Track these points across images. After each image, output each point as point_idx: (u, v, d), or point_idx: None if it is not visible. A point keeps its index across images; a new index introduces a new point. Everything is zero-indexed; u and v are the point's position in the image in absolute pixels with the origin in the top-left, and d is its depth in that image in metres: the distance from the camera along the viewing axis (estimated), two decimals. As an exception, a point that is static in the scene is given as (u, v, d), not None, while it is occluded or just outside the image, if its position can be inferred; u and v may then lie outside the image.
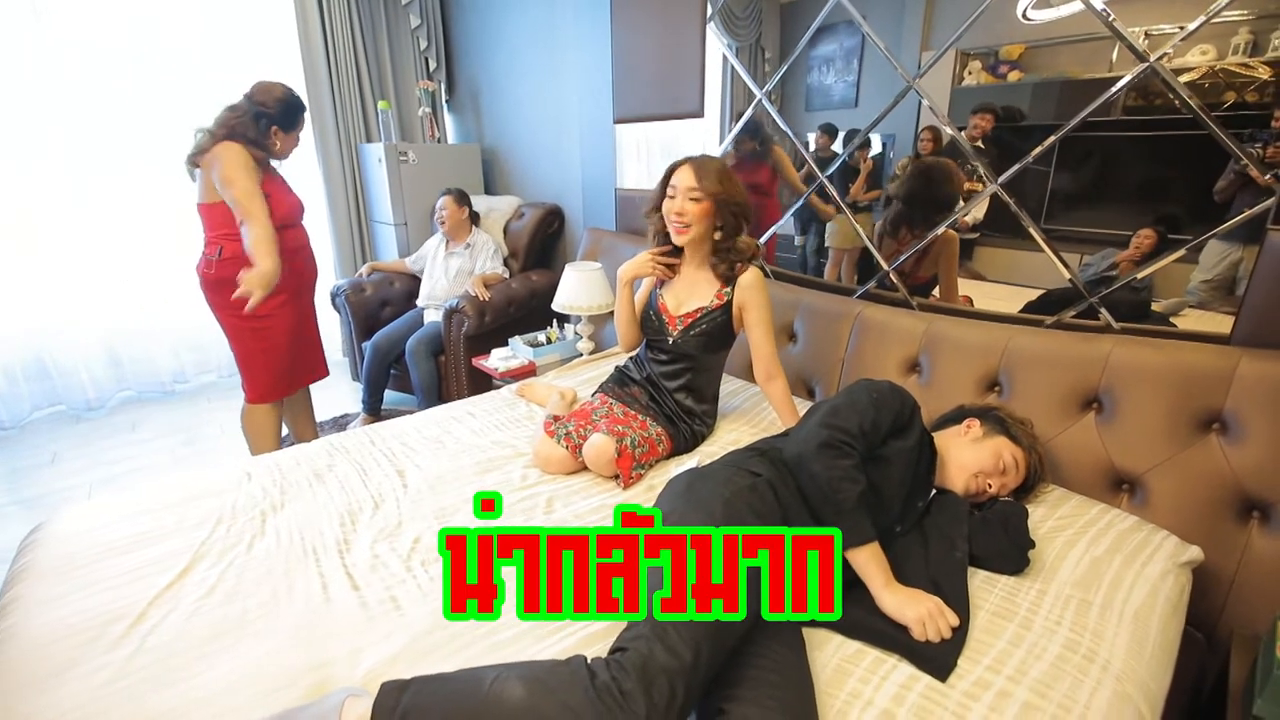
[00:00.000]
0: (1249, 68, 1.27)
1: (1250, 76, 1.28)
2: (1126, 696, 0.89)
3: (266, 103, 1.97)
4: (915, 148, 1.86)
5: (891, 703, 0.87)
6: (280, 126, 2.00)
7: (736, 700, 0.80)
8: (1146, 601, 1.05)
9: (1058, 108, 1.59)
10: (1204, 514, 1.26)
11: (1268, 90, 1.26)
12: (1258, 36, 1.26)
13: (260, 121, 1.96)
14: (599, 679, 0.74)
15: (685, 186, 1.54)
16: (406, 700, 0.79)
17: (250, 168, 1.91)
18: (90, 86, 2.98)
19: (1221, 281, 1.40)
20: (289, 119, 2.02)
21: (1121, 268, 1.52)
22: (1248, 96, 1.28)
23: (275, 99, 1.99)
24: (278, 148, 2.03)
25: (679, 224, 1.57)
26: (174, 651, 0.98)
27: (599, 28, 2.61)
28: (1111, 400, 1.38)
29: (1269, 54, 1.25)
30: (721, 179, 1.54)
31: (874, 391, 1.17)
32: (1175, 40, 1.30)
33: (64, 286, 3.12)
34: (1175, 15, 1.32)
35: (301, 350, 2.26)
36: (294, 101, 2.04)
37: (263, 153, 1.98)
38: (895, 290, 1.88)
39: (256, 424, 2.24)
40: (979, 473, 1.26)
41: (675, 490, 1.08)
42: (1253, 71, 1.27)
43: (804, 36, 1.98)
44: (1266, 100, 1.26)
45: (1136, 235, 1.50)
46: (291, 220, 2.10)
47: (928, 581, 1.07)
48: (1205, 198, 1.38)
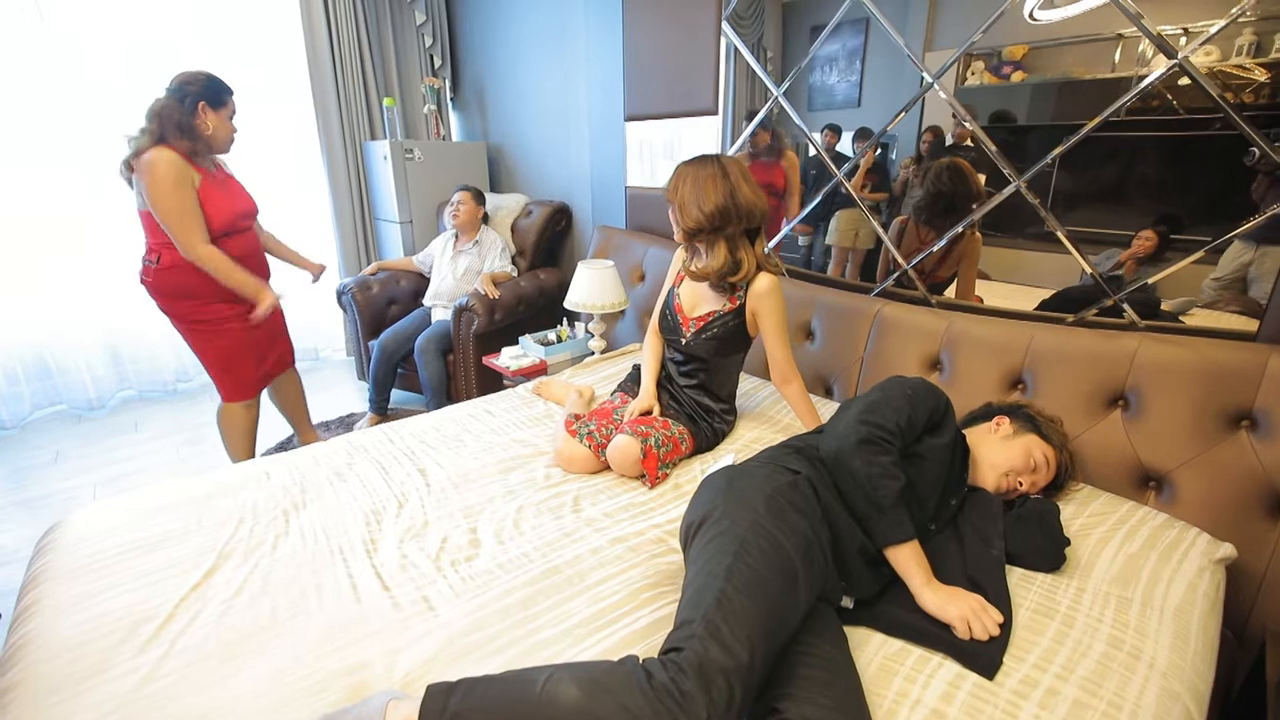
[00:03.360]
0: (1245, 70, 1.28)
1: (1247, 79, 1.29)
2: (1175, 694, 0.88)
3: (190, 80, 1.90)
4: (918, 148, 1.87)
5: (941, 701, 0.86)
6: (207, 101, 1.91)
7: (791, 699, 0.79)
8: (1186, 598, 1.05)
9: (1057, 108, 1.59)
10: (1233, 511, 1.26)
11: (1263, 92, 1.27)
12: (1261, 38, 1.27)
13: (186, 100, 1.88)
14: (656, 679, 0.73)
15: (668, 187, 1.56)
16: (455, 703, 0.77)
17: (178, 181, 1.85)
18: (92, 86, 2.94)
19: (1232, 281, 1.40)
20: (215, 94, 1.94)
21: (1126, 267, 1.52)
22: (1245, 98, 1.29)
23: (199, 75, 1.93)
24: (210, 130, 1.93)
25: (673, 225, 1.58)
26: (206, 653, 0.96)
27: (610, 25, 2.59)
28: (1138, 397, 1.38)
29: (1272, 55, 1.26)
30: (681, 182, 1.52)
31: (908, 388, 1.16)
32: (1201, 39, 1.30)
33: (65, 285, 3.08)
34: (1177, 18, 1.33)
35: (265, 346, 2.23)
36: (217, 78, 1.96)
37: (195, 143, 1.90)
38: (913, 288, 1.88)
39: (230, 423, 2.22)
40: (1010, 471, 1.25)
41: (716, 487, 1.06)
42: (1248, 74, 1.28)
43: (822, 33, 1.97)
44: (1263, 102, 1.27)
45: (1138, 236, 1.50)
46: (235, 227, 2.03)
47: (965, 579, 1.06)
48: (1207, 198, 1.39)
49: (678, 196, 1.53)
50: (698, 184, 1.50)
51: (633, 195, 2.71)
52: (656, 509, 1.36)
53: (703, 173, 1.50)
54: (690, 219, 1.51)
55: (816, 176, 2.17)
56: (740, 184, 1.49)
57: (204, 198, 1.92)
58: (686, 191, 1.51)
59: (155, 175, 1.82)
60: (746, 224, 1.53)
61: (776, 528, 0.94)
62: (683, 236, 1.57)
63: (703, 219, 1.49)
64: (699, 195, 1.49)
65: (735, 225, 1.52)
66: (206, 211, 1.93)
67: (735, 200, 1.48)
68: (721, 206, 1.48)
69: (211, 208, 1.94)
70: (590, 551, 1.20)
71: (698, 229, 1.52)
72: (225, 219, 1.98)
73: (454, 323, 2.73)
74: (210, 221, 1.94)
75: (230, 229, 2.01)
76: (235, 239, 2.03)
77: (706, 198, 1.48)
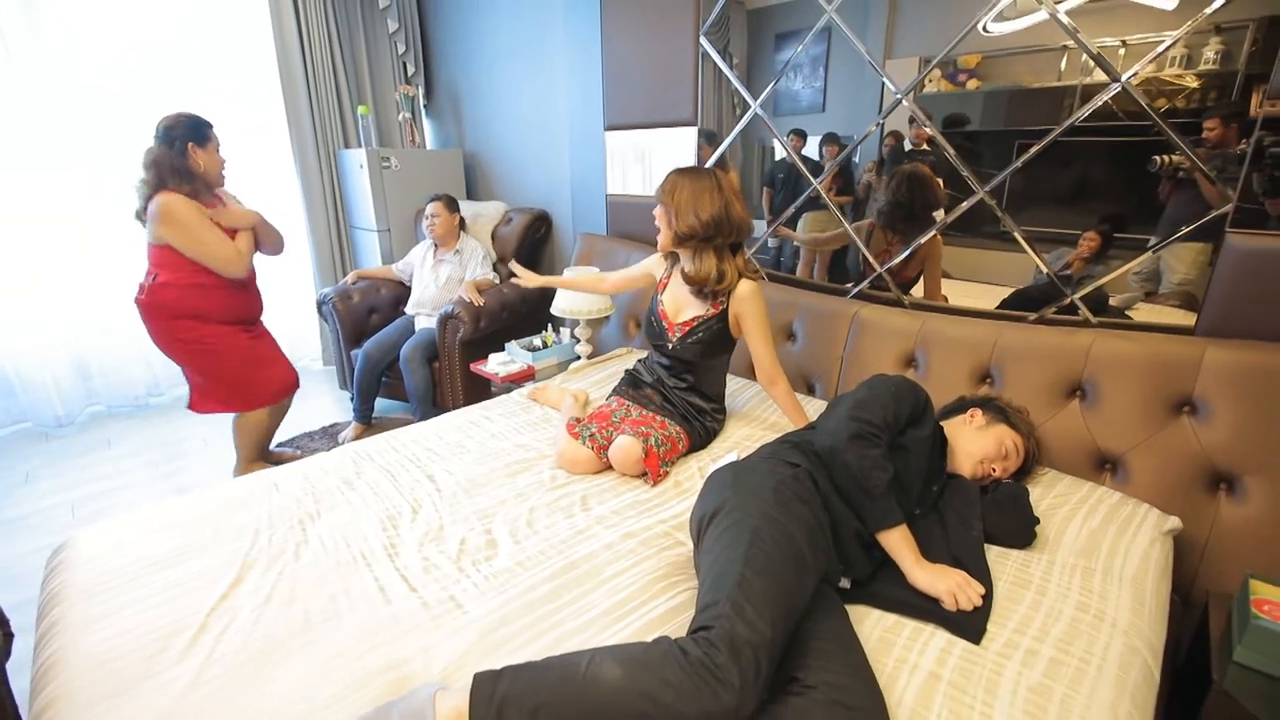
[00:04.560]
0: (1179, 77, 1.44)
1: (1180, 85, 1.44)
2: (1135, 649, 1.00)
3: (173, 124, 2.07)
4: (880, 152, 1.99)
5: (936, 665, 0.97)
6: (194, 141, 2.08)
7: (807, 669, 0.88)
8: (1140, 566, 1.18)
9: (1008, 114, 1.73)
10: (1178, 488, 1.41)
11: (1194, 97, 1.43)
12: (1191, 51, 1.42)
13: (175, 145, 2.05)
14: (691, 655, 0.81)
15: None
16: (503, 688, 0.83)
17: (188, 217, 2.02)
18: (54, 100, 2.87)
19: (1150, 274, 1.58)
20: (198, 132, 2.10)
21: (1074, 266, 1.67)
22: (1178, 103, 1.45)
23: (180, 118, 2.09)
24: (202, 168, 2.10)
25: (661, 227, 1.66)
26: (247, 657, 1.00)
27: (589, 35, 2.66)
28: (1094, 388, 1.52)
29: (1200, 67, 1.42)
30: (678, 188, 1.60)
31: (892, 385, 1.27)
32: (1150, 57, 1.44)
33: (28, 298, 2.99)
34: (1115, 30, 1.49)
35: (269, 358, 2.37)
36: (197, 117, 2.13)
37: (194, 184, 2.07)
38: (887, 290, 2.00)
39: (247, 427, 2.37)
40: (984, 459, 1.37)
41: (723, 481, 1.15)
42: (1181, 80, 1.44)
43: (787, 41, 2.09)
44: (1194, 106, 1.43)
45: (1084, 236, 1.65)
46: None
47: (949, 558, 1.17)
48: (1146, 198, 1.53)
49: (674, 200, 1.60)
50: (696, 192, 1.58)
51: (613, 203, 2.79)
52: (661, 505, 1.44)
53: (700, 184, 1.59)
54: (685, 224, 1.59)
55: (785, 180, 2.29)
56: (733, 200, 1.59)
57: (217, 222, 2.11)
58: (684, 197, 1.59)
59: (177, 221, 2.01)
60: (734, 238, 1.63)
61: (785, 517, 1.03)
62: (671, 241, 1.65)
63: (697, 226, 1.58)
64: (696, 203, 1.57)
65: (724, 238, 1.61)
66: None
67: (728, 214, 1.58)
68: (716, 217, 1.57)
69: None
70: (604, 547, 1.27)
71: (691, 235, 1.60)
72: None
73: (439, 330, 2.76)
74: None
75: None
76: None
77: (703, 207, 1.57)
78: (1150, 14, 1.43)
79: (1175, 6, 1.41)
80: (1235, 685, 1.04)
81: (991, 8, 1.63)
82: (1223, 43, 1.39)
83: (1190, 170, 1.44)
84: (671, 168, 1.67)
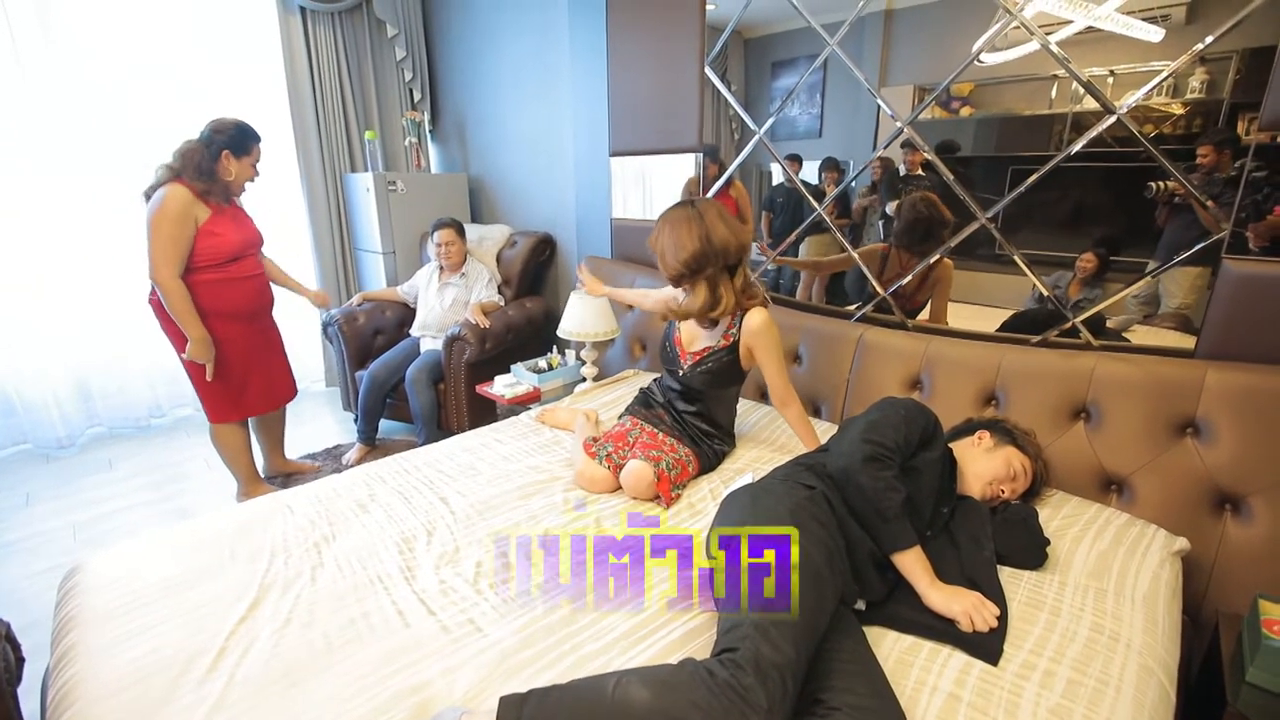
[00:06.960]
0: (1167, 105, 1.50)
1: (1167, 112, 1.50)
2: (1150, 670, 1.01)
3: (220, 129, 2.08)
4: (872, 178, 2.05)
5: (955, 686, 0.97)
6: (231, 150, 2.09)
7: (830, 690, 0.89)
8: (1151, 587, 1.20)
9: (999, 140, 1.78)
10: (1184, 508, 1.43)
11: (1179, 124, 1.49)
12: (1178, 80, 1.48)
13: (211, 147, 2.06)
14: (718, 676, 0.82)
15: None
16: (529, 711, 0.84)
17: (179, 216, 2.02)
18: (60, 118, 2.91)
19: (1149, 297, 1.62)
20: (240, 143, 2.11)
21: (1071, 287, 1.71)
22: (1165, 129, 1.51)
23: (229, 124, 2.10)
24: (231, 176, 2.11)
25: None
26: (269, 680, 1.00)
27: (594, 63, 2.72)
28: (1098, 410, 1.55)
29: (1187, 95, 1.48)
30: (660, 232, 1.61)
31: (902, 408, 1.29)
32: (1148, 87, 1.49)
33: (30, 318, 2.99)
34: (1103, 60, 1.55)
35: (258, 372, 2.36)
36: (247, 127, 2.14)
37: (210, 184, 2.07)
38: (890, 313, 2.03)
39: (222, 441, 2.39)
40: (993, 480, 1.39)
41: (740, 503, 1.16)
42: (1167, 108, 1.50)
43: (787, 69, 2.15)
44: (1179, 133, 1.49)
45: (1080, 258, 1.69)
46: (242, 253, 2.22)
47: (963, 579, 1.18)
48: (1141, 221, 1.58)
49: (658, 246, 1.63)
50: (675, 232, 1.58)
51: (618, 227, 2.83)
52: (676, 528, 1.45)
53: (677, 221, 1.59)
54: (669, 268, 1.61)
55: (784, 204, 2.34)
56: (716, 225, 1.57)
57: (212, 229, 2.10)
58: (665, 242, 1.60)
59: (162, 206, 2.01)
60: (725, 261, 1.60)
61: (804, 538, 1.04)
62: (669, 281, 1.68)
63: (680, 266, 1.58)
64: (676, 243, 1.58)
65: (714, 265, 1.59)
66: (216, 241, 2.11)
67: (710, 242, 1.56)
68: (697, 252, 1.56)
69: (221, 238, 2.12)
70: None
71: (679, 275, 1.61)
72: (233, 247, 2.17)
73: (445, 352, 2.78)
74: (220, 249, 2.12)
75: (238, 255, 2.20)
76: (239, 263, 2.21)
77: (682, 245, 1.57)
78: (1138, 45, 1.49)
79: (1162, 38, 1.47)
80: (1249, 706, 1.06)
81: (987, 42, 1.68)
82: (1208, 72, 1.46)
83: (1185, 196, 1.49)
84: (675, 191, 1.69)
